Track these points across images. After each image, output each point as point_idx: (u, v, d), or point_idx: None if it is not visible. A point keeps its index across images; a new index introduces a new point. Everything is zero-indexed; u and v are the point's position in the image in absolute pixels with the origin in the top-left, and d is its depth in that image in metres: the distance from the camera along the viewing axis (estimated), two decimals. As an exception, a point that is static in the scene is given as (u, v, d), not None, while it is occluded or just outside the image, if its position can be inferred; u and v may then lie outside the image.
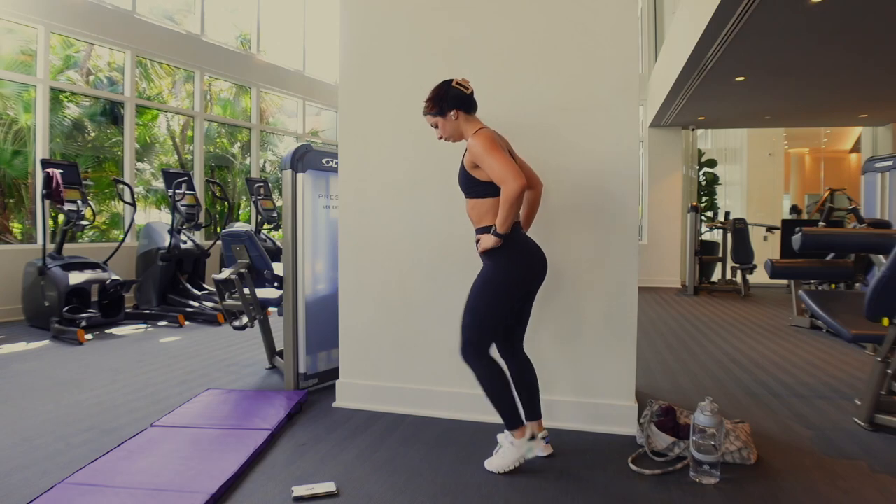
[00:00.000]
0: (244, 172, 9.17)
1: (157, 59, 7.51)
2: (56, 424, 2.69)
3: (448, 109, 2.21)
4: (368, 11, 2.96)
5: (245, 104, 9.13)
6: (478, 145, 2.10)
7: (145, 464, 2.20)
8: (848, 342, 3.77)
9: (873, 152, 8.67)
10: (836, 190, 7.15)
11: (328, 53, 10.07)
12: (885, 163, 5.35)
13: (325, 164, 3.30)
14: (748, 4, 4.02)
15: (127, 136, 6.87)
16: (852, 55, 5.24)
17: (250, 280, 3.58)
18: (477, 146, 2.10)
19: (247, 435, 2.47)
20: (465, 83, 2.24)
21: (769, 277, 4.41)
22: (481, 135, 2.12)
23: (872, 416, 2.67)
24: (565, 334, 2.71)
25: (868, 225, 4.29)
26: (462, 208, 2.84)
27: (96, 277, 5.12)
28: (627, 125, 2.64)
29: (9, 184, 6.69)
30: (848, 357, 4.15)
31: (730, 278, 8.48)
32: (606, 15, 2.63)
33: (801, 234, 2.82)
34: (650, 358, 4.09)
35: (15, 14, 5.80)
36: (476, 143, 2.11)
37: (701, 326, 5.42)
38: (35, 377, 3.53)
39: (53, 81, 6.28)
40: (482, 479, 2.15)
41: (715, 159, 9.95)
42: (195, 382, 3.42)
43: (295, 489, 1.99)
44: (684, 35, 5.71)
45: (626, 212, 2.64)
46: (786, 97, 7.05)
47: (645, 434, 2.38)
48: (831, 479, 2.14)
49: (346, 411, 2.91)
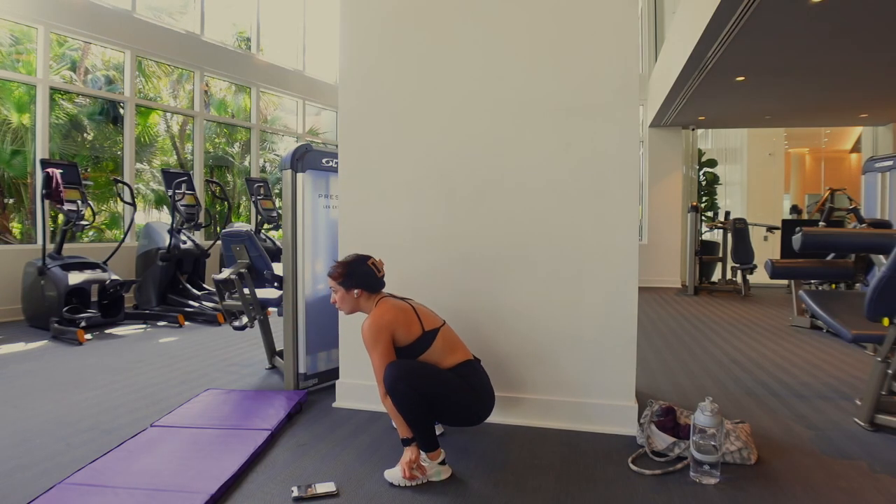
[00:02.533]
0: (244, 172, 9.17)
1: (156, 59, 7.51)
2: (56, 424, 2.69)
3: (352, 286, 2.23)
4: (368, 11, 2.96)
5: (244, 103, 9.13)
6: (367, 334, 2.13)
7: (145, 464, 2.19)
8: (848, 342, 3.77)
9: (873, 152, 8.67)
10: (836, 190, 7.14)
11: (328, 53, 10.07)
12: (885, 163, 5.34)
13: (325, 164, 3.30)
14: (748, 4, 4.02)
15: (127, 135, 6.86)
16: (852, 55, 5.24)
17: (250, 280, 3.57)
18: (366, 334, 2.14)
19: (247, 435, 2.47)
20: (380, 265, 2.27)
21: (769, 277, 4.40)
22: (373, 325, 2.13)
23: (873, 416, 2.67)
24: (565, 334, 2.71)
25: (868, 225, 4.29)
26: (462, 208, 2.85)
27: (96, 277, 5.12)
28: (627, 125, 2.64)
29: (8, 184, 6.69)
30: (848, 357, 4.15)
31: (730, 278, 8.48)
32: (606, 15, 2.63)
33: (801, 234, 2.82)
34: (650, 358, 4.09)
35: (14, 14, 5.81)
36: (367, 330, 2.14)
37: (701, 326, 5.42)
38: (35, 377, 3.53)
39: (53, 81, 6.28)
40: (482, 479, 2.14)
41: (715, 159, 9.95)
42: (195, 382, 3.42)
43: (295, 489, 1.99)
44: (684, 35, 5.71)
45: (626, 212, 2.63)
46: (786, 97, 7.04)
47: (645, 434, 2.38)
48: (831, 479, 2.14)
49: (346, 411, 2.91)
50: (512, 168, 2.76)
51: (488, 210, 2.78)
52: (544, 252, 2.72)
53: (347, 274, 2.24)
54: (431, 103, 2.87)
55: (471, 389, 2.20)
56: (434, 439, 2.14)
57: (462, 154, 2.83)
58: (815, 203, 8.48)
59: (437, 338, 2.22)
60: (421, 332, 2.20)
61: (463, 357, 2.27)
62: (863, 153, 9.58)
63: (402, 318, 2.19)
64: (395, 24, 2.93)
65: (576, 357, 2.70)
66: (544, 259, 2.72)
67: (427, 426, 2.12)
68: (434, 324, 2.25)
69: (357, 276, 2.24)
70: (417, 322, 2.21)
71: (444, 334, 2.26)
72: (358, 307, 2.28)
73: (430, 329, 2.22)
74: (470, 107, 2.81)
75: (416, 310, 2.25)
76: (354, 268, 2.25)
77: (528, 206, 2.73)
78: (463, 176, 2.82)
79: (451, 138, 2.84)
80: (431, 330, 2.22)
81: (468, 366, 2.26)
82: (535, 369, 2.74)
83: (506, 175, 2.77)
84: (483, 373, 2.31)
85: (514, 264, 2.74)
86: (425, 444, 2.12)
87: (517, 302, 2.75)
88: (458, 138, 2.83)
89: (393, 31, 2.93)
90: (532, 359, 2.75)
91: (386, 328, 2.14)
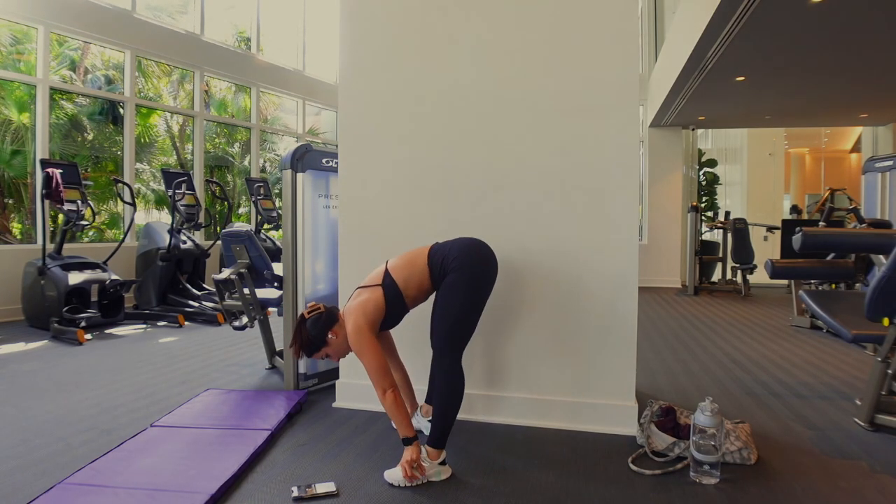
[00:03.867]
0: (244, 172, 9.17)
1: (156, 59, 7.51)
2: (56, 424, 2.69)
3: (324, 337, 2.19)
4: (368, 11, 2.96)
5: (244, 103, 9.13)
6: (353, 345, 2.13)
7: (145, 464, 2.19)
8: (848, 342, 3.77)
9: (873, 152, 8.66)
10: (836, 190, 7.15)
11: (328, 53, 10.07)
12: (885, 163, 5.34)
13: (325, 164, 3.30)
14: (748, 4, 4.02)
15: (127, 135, 6.86)
16: (852, 55, 5.24)
17: (250, 280, 3.57)
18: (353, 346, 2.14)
19: (247, 435, 2.47)
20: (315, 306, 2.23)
21: (769, 277, 4.40)
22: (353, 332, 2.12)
23: (873, 416, 2.67)
24: (565, 334, 2.71)
25: (868, 225, 4.29)
26: (462, 208, 2.84)
27: (96, 277, 5.12)
28: (627, 125, 2.64)
29: (8, 184, 6.69)
30: (848, 357, 4.15)
31: (730, 278, 8.48)
32: (607, 15, 2.63)
33: (801, 234, 2.82)
34: (650, 358, 4.09)
35: (15, 14, 5.81)
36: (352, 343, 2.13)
37: (701, 326, 5.42)
38: (35, 377, 3.53)
39: (53, 81, 6.28)
40: (482, 479, 2.14)
41: (715, 159, 9.94)
42: (195, 382, 3.42)
43: (295, 489, 1.99)
44: (684, 35, 5.71)
45: (626, 212, 2.63)
46: (786, 97, 7.04)
47: (645, 434, 2.38)
48: (831, 479, 2.14)
49: (346, 411, 2.91)
50: (512, 168, 2.76)
51: (488, 210, 2.78)
52: (544, 252, 2.71)
53: (307, 341, 2.19)
54: (431, 103, 2.87)
55: (456, 255, 2.20)
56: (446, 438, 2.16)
57: (462, 154, 2.83)
58: (815, 203, 8.48)
59: (392, 273, 2.22)
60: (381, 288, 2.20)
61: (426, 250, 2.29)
62: (863, 153, 9.58)
63: (362, 301, 2.18)
64: (395, 24, 2.93)
65: (576, 357, 2.70)
66: (544, 259, 2.72)
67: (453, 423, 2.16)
68: (380, 271, 2.26)
69: (311, 333, 2.18)
70: (372, 288, 2.21)
71: (394, 267, 2.26)
72: (343, 338, 2.21)
73: (382, 280, 2.22)
74: (470, 106, 2.81)
75: (364, 285, 2.26)
76: (303, 332, 2.19)
77: (527, 205, 2.73)
78: (463, 176, 2.82)
79: (452, 138, 2.84)
80: (384, 277, 2.22)
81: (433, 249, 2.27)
82: (535, 369, 2.74)
83: (506, 175, 2.77)
84: (452, 241, 2.31)
85: (514, 264, 2.74)
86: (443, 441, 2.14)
87: (517, 302, 2.75)
88: (459, 138, 2.83)
89: (393, 31, 2.93)
90: (532, 358, 2.75)
91: (365, 325, 2.13)
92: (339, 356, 2.27)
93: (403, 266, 2.26)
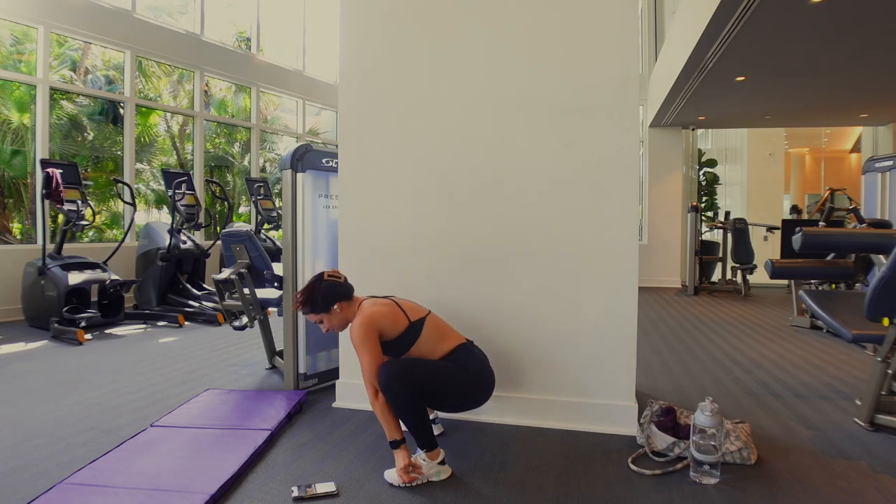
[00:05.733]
0: (244, 172, 9.17)
1: (156, 59, 7.51)
2: (56, 424, 2.69)
3: (328, 305, 2.20)
4: (368, 11, 2.96)
5: (244, 103, 9.13)
6: (355, 334, 2.13)
7: (145, 464, 2.19)
8: (848, 342, 3.77)
9: (873, 152, 8.67)
10: (836, 190, 7.14)
11: (328, 53, 10.07)
12: (885, 163, 5.34)
13: (325, 164, 3.30)
14: (748, 4, 4.02)
15: (127, 135, 6.86)
16: (852, 55, 5.24)
17: (250, 280, 3.57)
18: (354, 334, 2.13)
19: (247, 435, 2.47)
20: (336, 274, 2.25)
21: (769, 277, 4.40)
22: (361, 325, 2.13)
23: (873, 416, 2.67)
24: (565, 334, 2.71)
25: (868, 225, 4.29)
26: (462, 208, 2.84)
27: (96, 277, 5.12)
28: (627, 125, 2.64)
29: (8, 184, 6.69)
30: (848, 357, 4.15)
31: (730, 278, 8.48)
32: (606, 15, 2.63)
33: (801, 234, 2.82)
34: (650, 358, 4.09)
35: (15, 14, 5.81)
36: (355, 331, 2.13)
37: (701, 326, 5.42)
38: (35, 377, 3.53)
39: (53, 81, 6.28)
40: (482, 479, 2.14)
41: (715, 159, 9.95)
42: (195, 382, 3.42)
43: (295, 489, 1.99)
44: (684, 35, 5.71)
45: (626, 212, 2.63)
46: (786, 97, 7.04)
47: (645, 434, 2.38)
48: (831, 479, 2.14)
49: (346, 411, 2.91)
50: (512, 167, 2.76)
51: (488, 210, 2.78)
52: (544, 252, 2.72)
53: (313, 298, 2.20)
54: (432, 103, 2.87)
55: (468, 373, 2.21)
56: (432, 438, 2.14)
57: (462, 154, 2.83)
58: (815, 203, 8.48)
59: (425, 327, 2.23)
60: (408, 324, 2.20)
61: (455, 342, 2.27)
62: (863, 153, 9.58)
63: (387, 312, 2.20)
64: (396, 23, 2.93)
65: (576, 357, 2.70)
66: (544, 259, 2.72)
67: (425, 425, 2.12)
68: (419, 314, 2.26)
69: (323, 294, 2.20)
70: (402, 315, 2.21)
71: (430, 322, 2.26)
72: (346, 318, 2.24)
73: (416, 319, 2.22)
74: (470, 107, 2.81)
75: (399, 304, 2.26)
76: (316, 289, 2.21)
77: (528, 205, 2.73)
78: (463, 176, 2.82)
79: (452, 138, 2.84)
80: (418, 320, 2.23)
81: (461, 349, 2.26)
82: (536, 369, 2.74)
83: (506, 175, 2.77)
84: (479, 352, 2.31)
85: (514, 264, 2.74)
86: (424, 442, 2.12)
87: (517, 302, 2.75)
88: (459, 138, 2.83)
89: (393, 31, 2.93)
90: (532, 359, 2.75)
91: (373, 325, 2.14)
92: (330, 329, 2.27)
93: (433, 330, 2.26)
